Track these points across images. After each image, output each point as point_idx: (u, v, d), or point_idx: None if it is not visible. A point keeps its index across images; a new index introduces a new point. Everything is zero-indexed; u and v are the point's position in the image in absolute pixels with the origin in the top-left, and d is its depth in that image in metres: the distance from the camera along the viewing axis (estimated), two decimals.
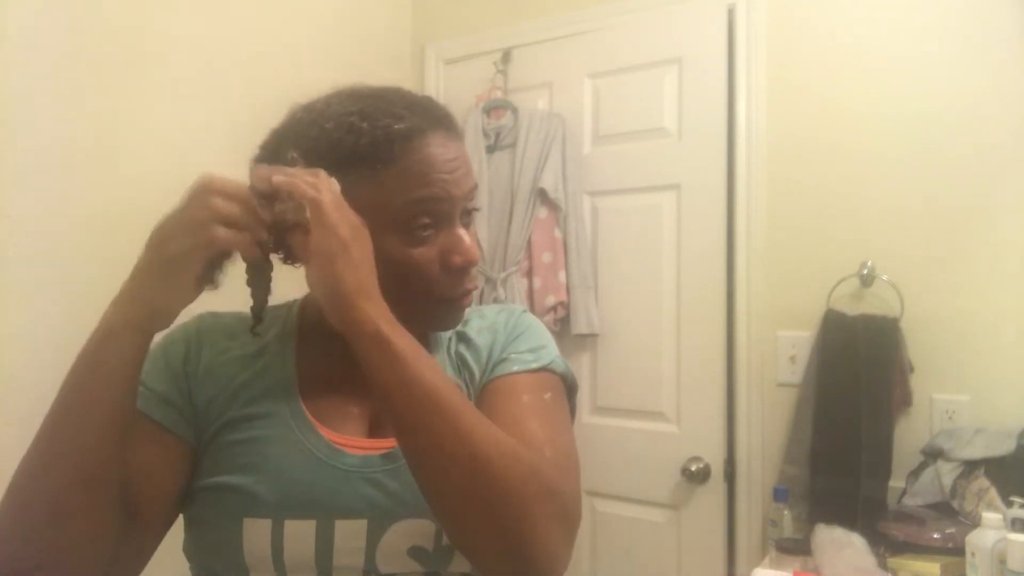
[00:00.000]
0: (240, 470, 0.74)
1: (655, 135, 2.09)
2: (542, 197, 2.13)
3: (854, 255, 1.81)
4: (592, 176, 2.16)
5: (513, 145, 2.18)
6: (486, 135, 2.22)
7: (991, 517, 1.33)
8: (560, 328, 2.12)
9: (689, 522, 2.01)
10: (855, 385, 1.73)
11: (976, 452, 1.57)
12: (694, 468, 1.97)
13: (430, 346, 0.84)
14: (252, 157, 0.78)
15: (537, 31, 2.27)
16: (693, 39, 2.04)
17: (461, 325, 0.85)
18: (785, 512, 1.69)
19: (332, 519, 0.73)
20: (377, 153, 0.72)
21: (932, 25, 1.77)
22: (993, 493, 1.50)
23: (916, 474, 1.64)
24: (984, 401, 1.68)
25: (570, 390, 0.86)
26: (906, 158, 1.78)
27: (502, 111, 2.23)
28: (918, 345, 1.74)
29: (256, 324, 0.73)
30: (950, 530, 1.47)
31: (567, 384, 0.85)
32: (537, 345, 0.84)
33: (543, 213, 2.14)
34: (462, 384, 0.82)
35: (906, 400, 1.74)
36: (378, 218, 0.72)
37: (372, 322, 0.65)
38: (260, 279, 0.70)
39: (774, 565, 1.53)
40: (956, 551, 1.40)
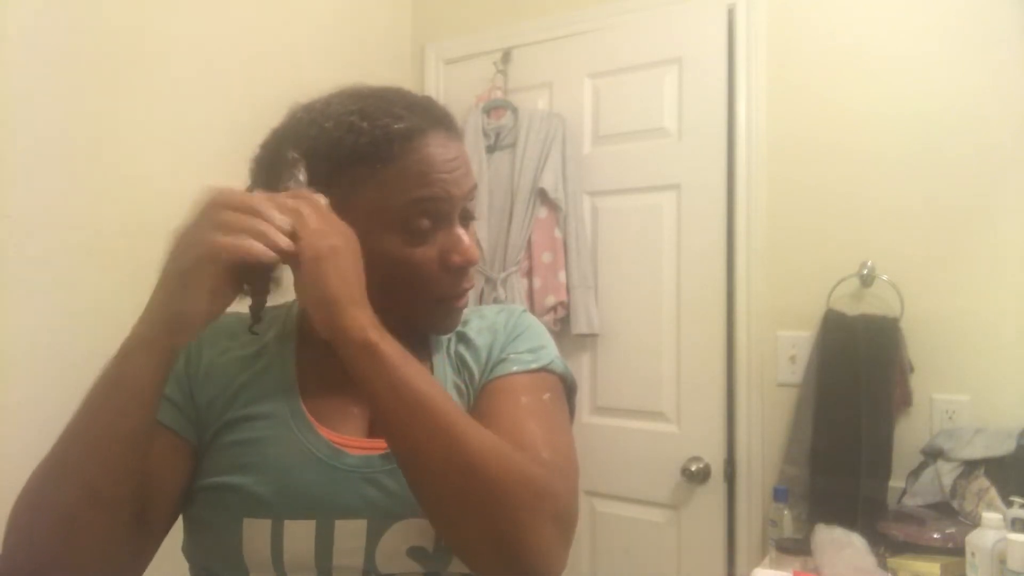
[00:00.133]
0: (240, 470, 0.74)
1: (655, 135, 2.09)
2: (542, 197, 2.13)
3: (854, 255, 1.81)
4: (592, 176, 2.16)
5: (513, 145, 2.18)
6: (486, 135, 2.22)
7: (991, 517, 1.33)
8: (560, 328, 2.12)
9: (689, 522, 2.01)
10: (855, 385, 1.73)
11: (976, 452, 1.57)
12: (694, 468, 1.97)
13: (430, 347, 0.84)
14: (252, 157, 0.79)
15: (537, 31, 2.27)
16: (693, 39, 2.04)
17: (461, 325, 0.85)
18: (785, 512, 1.69)
19: (332, 519, 0.73)
20: (377, 153, 0.72)
21: (932, 25, 1.77)
22: (993, 493, 1.50)
23: (916, 474, 1.64)
24: (984, 401, 1.68)
25: (569, 390, 0.86)
26: (906, 158, 1.78)
27: (502, 111, 2.23)
28: (918, 345, 1.74)
29: (255, 324, 0.73)
30: (950, 530, 1.47)
31: (566, 384, 0.85)
32: (536, 345, 0.84)
33: (543, 213, 2.14)
34: (462, 384, 0.82)
35: (906, 400, 1.74)
36: (378, 218, 0.72)
37: (360, 329, 0.65)
38: (258, 279, 0.70)
39: (774, 565, 1.53)
40: (956, 551, 1.40)
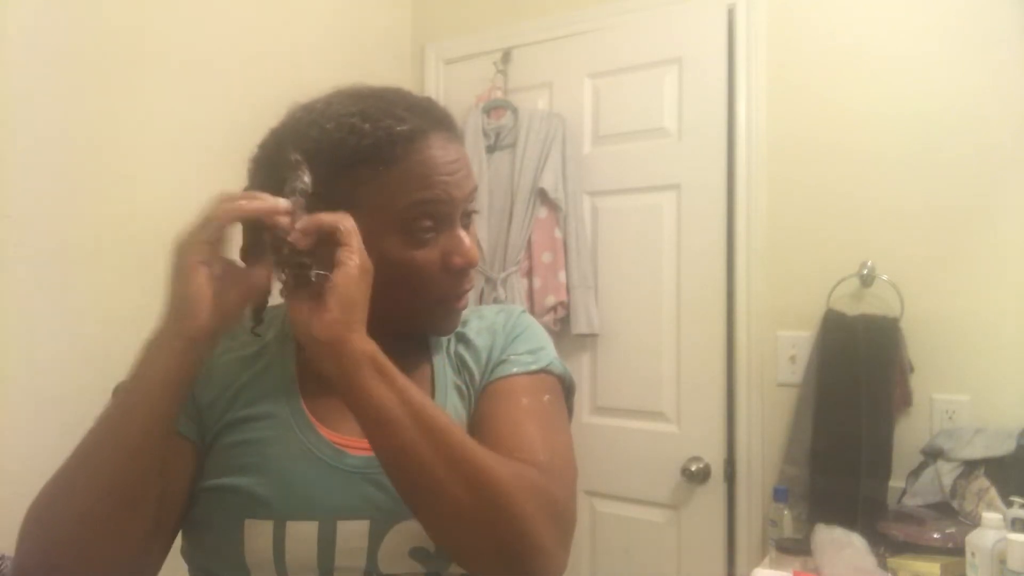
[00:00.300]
0: (241, 471, 0.74)
1: (655, 135, 2.09)
2: (542, 197, 2.13)
3: (854, 255, 1.81)
4: (592, 176, 2.16)
5: (513, 145, 2.18)
6: (486, 135, 2.22)
7: (991, 517, 1.33)
8: (560, 328, 2.12)
9: (689, 522, 2.01)
10: (855, 385, 1.73)
11: (976, 452, 1.57)
12: (694, 468, 1.97)
13: (430, 348, 0.84)
14: (250, 157, 0.78)
15: (537, 31, 2.27)
16: (693, 39, 2.04)
17: (460, 326, 0.85)
18: (785, 512, 1.69)
19: (334, 520, 0.72)
20: (379, 154, 0.72)
21: (932, 25, 1.77)
22: (993, 493, 1.50)
23: (916, 474, 1.64)
24: (984, 401, 1.68)
25: (568, 391, 0.86)
26: (906, 158, 1.78)
27: (502, 111, 2.23)
28: (918, 345, 1.74)
29: (256, 324, 0.73)
30: (950, 530, 1.47)
31: (564, 385, 0.85)
32: (536, 347, 0.84)
33: (543, 213, 2.14)
34: (462, 385, 0.82)
35: (906, 400, 1.74)
36: (379, 219, 0.72)
37: (366, 341, 0.65)
38: (260, 246, 0.69)
39: (774, 565, 1.53)
40: (956, 551, 1.40)
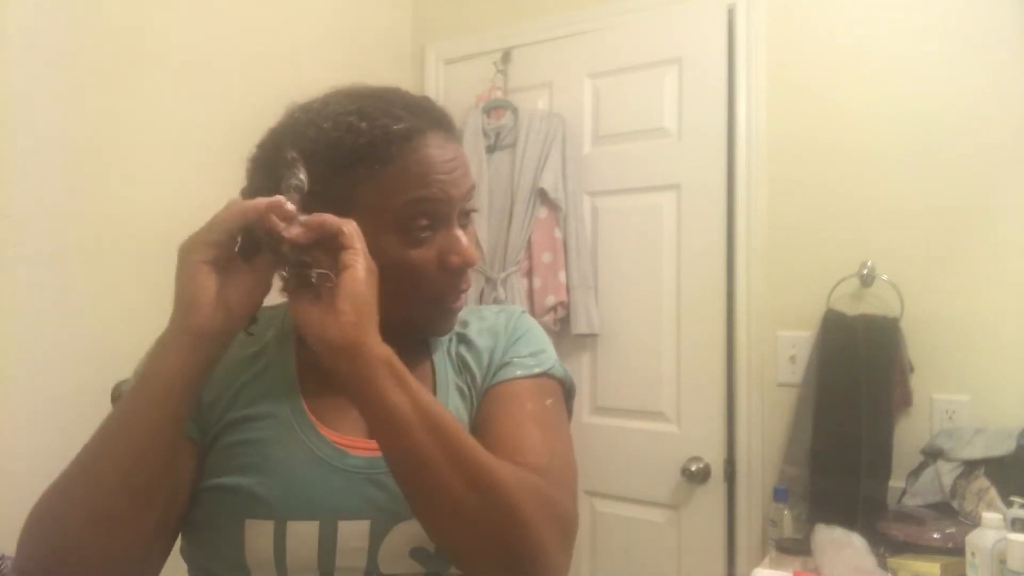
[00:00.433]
0: (242, 471, 0.74)
1: (655, 135, 2.09)
2: (542, 197, 2.13)
3: (854, 255, 1.81)
4: (592, 176, 2.16)
5: (513, 145, 2.18)
6: (486, 135, 2.22)
7: (991, 517, 1.33)
8: (560, 328, 2.12)
9: (689, 522, 2.01)
10: (855, 385, 1.73)
11: (976, 452, 1.57)
12: (694, 468, 1.97)
13: (429, 346, 0.84)
14: (249, 157, 0.78)
15: (537, 31, 2.27)
16: (693, 39, 2.04)
17: (460, 327, 0.86)
18: (785, 512, 1.69)
19: (335, 520, 0.72)
20: (376, 153, 0.72)
21: (932, 25, 1.77)
22: (993, 493, 1.50)
23: (916, 474, 1.64)
24: (984, 401, 1.68)
25: (568, 394, 0.86)
26: (906, 158, 1.78)
27: (502, 111, 2.23)
28: (918, 345, 1.74)
29: (251, 323, 0.73)
30: (950, 530, 1.47)
31: (565, 389, 0.86)
32: (538, 349, 0.84)
33: (543, 213, 2.14)
34: (463, 386, 0.82)
35: (906, 400, 1.74)
36: (376, 218, 0.72)
37: (379, 344, 0.65)
38: (263, 245, 0.68)
39: (774, 565, 1.53)
40: (956, 551, 1.39)
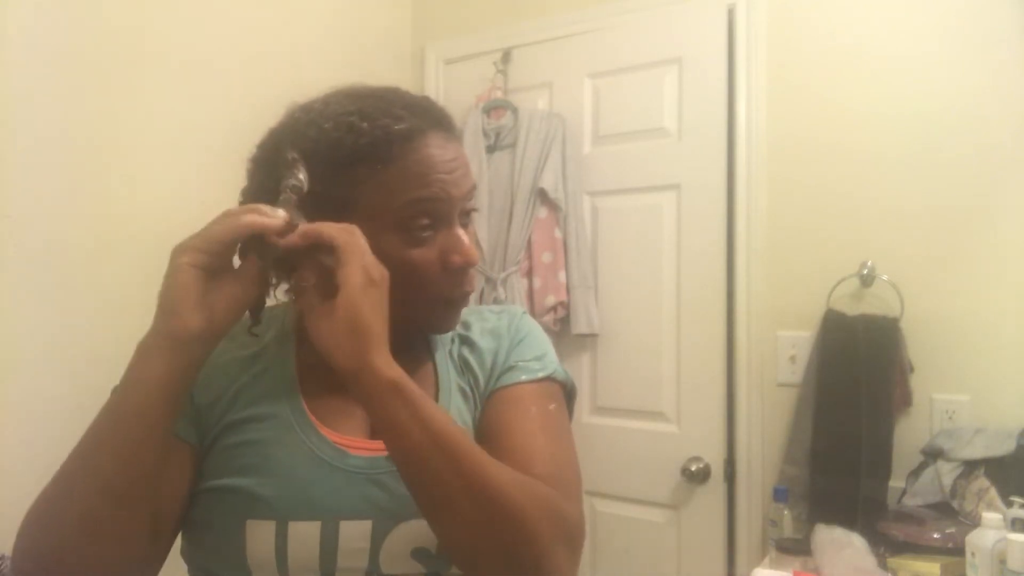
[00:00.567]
0: (242, 472, 0.74)
1: (655, 135, 2.09)
2: (542, 197, 2.13)
3: (854, 255, 1.81)
4: (592, 176, 2.16)
5: (513, 145, 2.18)
6: (486, 135, 2.22)
7: (991, 517, 1.33)
8: (560, 328, 2.12)
9: (689, 522, 2.01)
10: (855, 385, 1.73)
11: (976, 452, 1.57)
12: (694, 468, 1.97)
13: (431, 346, 0.84)
14: (249, 157, 0.78)
15: (537, 31, 2.27)
16: (693, 39, 2.04)
17: (462, 328, 0.86)
18: (785, 512, 1.69)
19: (336, 520, 0.72)
20: (376, 153, 0.72)
21: (932, 25, 1.77)
22: (993, 493, 1.50)
23: (916, 474, 1.64)
24: (984, 401, 1.68)
25: (569, 397, 0.87)
26: (906, 158, 1.78)
27: (502, 111, 2.23)
28: (918, 345, 1.74)
29: (254, 324, 0.73)
30: (950, 530, 1.47)
31: (567, 392, 0.86)
32: (541, 352, 0.85)
33: (543, 213, 2.14)
34: (466, 387, 0.82)
35: (906, 400, 1.74)
36: (377, 218, 0.72)
37: (388, 366, 0.65)
38: (255, 251, 0.69)
39: (774, 565, 1.53)
40: (956, 551, 1.40)
